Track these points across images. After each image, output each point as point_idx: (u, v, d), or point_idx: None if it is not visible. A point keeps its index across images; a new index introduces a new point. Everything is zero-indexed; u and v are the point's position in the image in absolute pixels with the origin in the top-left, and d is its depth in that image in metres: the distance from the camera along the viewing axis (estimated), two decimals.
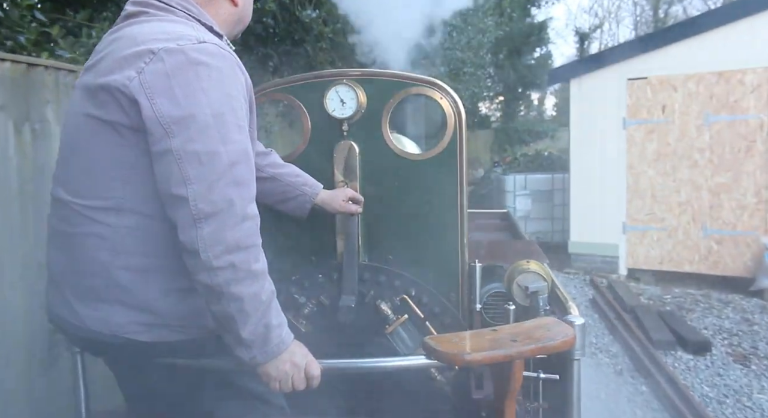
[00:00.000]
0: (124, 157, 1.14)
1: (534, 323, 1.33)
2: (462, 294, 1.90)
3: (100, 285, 1.17)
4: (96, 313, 1.18)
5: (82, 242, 1.18)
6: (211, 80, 1.11)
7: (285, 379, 1.19)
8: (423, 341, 1.21)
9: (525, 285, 1.76)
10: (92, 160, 1.16)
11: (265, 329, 1.15)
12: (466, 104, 10.01)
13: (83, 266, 1.19)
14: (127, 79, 1.10)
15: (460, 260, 1.88)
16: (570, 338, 1.24)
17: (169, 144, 1.08)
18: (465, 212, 1.87)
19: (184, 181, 1.07)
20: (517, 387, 1.27)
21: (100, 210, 1.16)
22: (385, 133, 1.88)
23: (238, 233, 1.08)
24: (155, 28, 1.18)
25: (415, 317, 1.80)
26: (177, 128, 1.07)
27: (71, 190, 1.20)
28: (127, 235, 1.16)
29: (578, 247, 6.77)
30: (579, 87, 6.69)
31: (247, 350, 1.15)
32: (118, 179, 1.15)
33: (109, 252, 1.16)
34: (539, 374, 1.57)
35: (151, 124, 1.08)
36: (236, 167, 1.10)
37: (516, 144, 16.08)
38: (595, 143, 6.53)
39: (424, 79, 1.89)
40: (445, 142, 1.87)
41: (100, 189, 1.16)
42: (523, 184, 7.98)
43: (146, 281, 1.17)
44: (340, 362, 1.32)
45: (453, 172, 1.87)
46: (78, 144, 1.19)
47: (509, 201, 7.85)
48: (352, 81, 1.86)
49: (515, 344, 1.20)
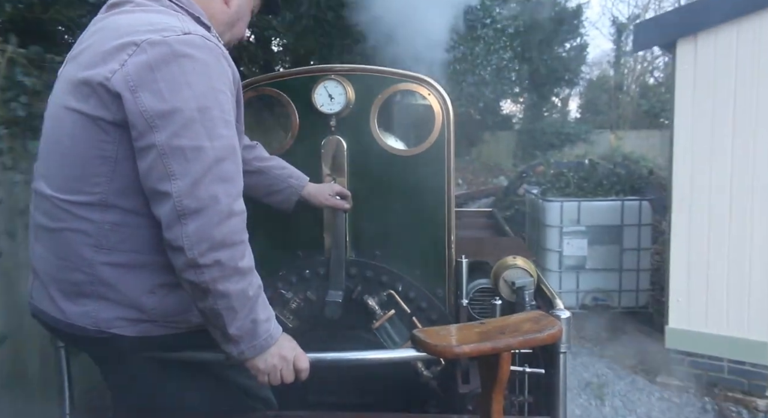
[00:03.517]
0: (107, 153, 1.11)
1: (521, 317, 1.35)
2: (449, 290, 1.91)
3: (84, 281, 1.16)
4: (80, 308, 1.17)
5: (66, 238, 1.16)
6: (196, 73, 1.08)
7: (274, 372, 1.19)
8: (412, 334, 1.21)
9: (511, 281, 1.78)
10: (75, 154, 1.13)
11: (253, 325, 1.14)
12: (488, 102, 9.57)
13: (66, 262, 1.17)
14: (109, 72, 1.07)
15: (447, 256, 1.89)
16: (557, 331, 1.25)
17: (153, 139, 1.05)
18: (452, 209, 1.88)
19: (169, 177, 1.04)
20: (505, 380, 1.28)
21: (83, 206, 1.14)
22: (373, 129, 1.89)
23: (224, 230, 1.06)
24: (140, 18, 1.15)
25: (401, 313, 1.81)
26: (161, 123, 1.05)
27: (53, 185, 1.17)
28: (111, 231, 1.14)
29: (685, 339, 3.71)
30: (698, 50, 3.55)
31: (235, 345, 1.14)
32: (101, 175, 1.12)
33: (92, 248, 1.14)
34: (525, 369, 1.59)
35: (135, 119, 1.06)
36: (222, 163, 1.08)
37: (543, 148, 14.35)
38: (725, 151, 3.51)
39: (412, 75, 1.90)
40: (433, 139, 1.88)
41: (84, 184, 1.13)
42: (575, 215, 4.86)
43: (131, 277, 1.16)
44: (328, 355, 1.32)
45: (441, 169, 1.88)
46: (59, 138, 1.17)
47: (552, 240, 4.91)
48: (340, 76, 1.86)
49: (503, 336, 1.21)
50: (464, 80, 6.54)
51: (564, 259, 4.86)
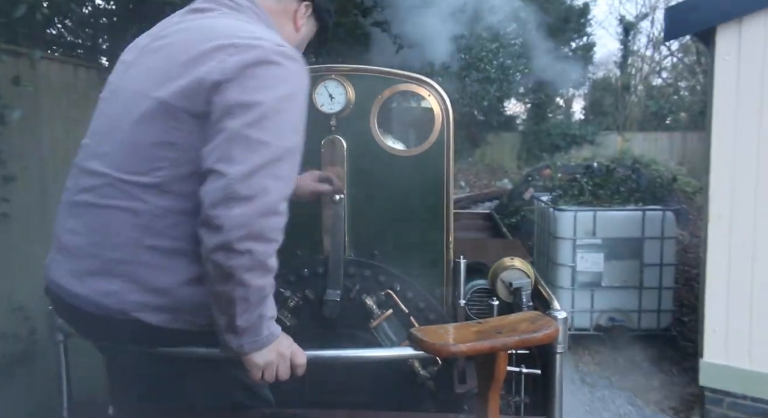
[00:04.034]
0: (177, 140, 1.16)
1: (518, 317, 1.36)
2: (446, 290, 1.91)
3: (121, 260, 1.16)
4: (107, 287, 1.17)
5: (112, 215, 1.17)
6: (281, 79, 1.17)
7: (270, 368, 1.19)
8: (409, 332, 1.22)
9: (509, 281, 1.80)
10: (142, 138, 1.17)
11: (259, 320, 1.15)
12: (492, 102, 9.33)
13: (107, 239, 1.17)
14: (207, 69, 1.14)
15: (445, 256, 1.90)
16: (553, 331, 1.26)
17: (226, 123, 1.11)
18: (451, 209, 1.89)
19: (229, 160, 1.08)
20: (501, 379, 1.29)
21: (141, 186, 1.16)
22: (373, 129, 1.90)
23: (264, 224, 1.09)
24: (236, 25, 1.24)
25: (399, 312, 1.82)
26: (238, 111, 1.11)
27: (110, 164, 1.19)
28: (162, 215, 1.16)
29: (723, 376, 3.09)
30: (743, 38, 3.01)
31: (236, 337, 1.15)
32: (166, 160, 1.16)
33: (139, 229, 1.16)
34: (521, 369, 1.60)
35: (216, 107, 1.12)
36: (281, 162, 1.12)
37: (548, 150, 14.07)
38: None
39: (412, 76, 1.91)
40: (433, 139, 1.89)
41: (146, 167, 1.17)
42: (590, 226, 4.32)
43: (170, 263, 1.17)
44: (326, 353, 1.33)
45: (440, 170, 1.88)
46: (125, 121, 1.20)
47: (564, 254, 4.35)
48: (341, 76, 1.87)
49: (500, 336, 1.22)
50: (467, 75, 6.35)
51: (577, 275, 4.31)
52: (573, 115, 19.73)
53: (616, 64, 18.75)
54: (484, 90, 9.71)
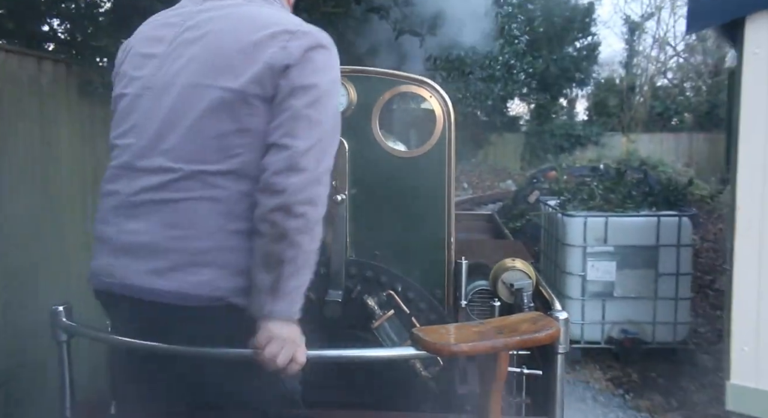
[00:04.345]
0: (251, 125, 1.22)
1: (520, 317, 1.36)
2: (448, 291, 1.92)
3: (209, 248, 1.20)
4: (196, 277, 1.19)
5: (194, 207, 1.20)
6: (331, 63, 1.29)
7: (277, 345, 1.19)
8: (411, 332, 1.23)
9: (510, 282, 1.79)
10: (213, 128, 1.22)
11: (297, 291, 1.20)
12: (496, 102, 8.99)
13: (191, 231, 1.20)
14: (270, 55, 1.22)
15: (447, 257, 1.90)
16: (554, 331, 1.26)
17: (291, 103, 1.21)
18: (452, 210, 1.90)
19: (293, 136, 1.19)
20: (503, 380, 1.29)
21: (218, 174, 1.21)
22: (374, 130, 1.90)
23: (317, 191, 1.19)
24: (270, 12, 1.31)
25: (401, 313, 1.82)
26: (301, 93, 1.21)
27: (180, 157, 1.22)
28: (240, 199, 1.22)
29: (753, 400, 2.76)
30: None
31: (273, 300, 1.18)
32: (241, 146, 1.22)
33: (223, 216, 1.21)
34: (523, 370, 1.60)
35: (281, 89, 1.22)
36: (331, 139, 1.26)
37: (552, 151, 13.88)
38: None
39: (414, 77, 1.92)
40: (434, 140, 1.89)
41: (222, 155, 1.22)
42: (602, 233, 4.07)
43: (252, 245, 1.21)
44: (327, 352, 1.33)
45: (441, 171, 1.89)
46: (189, 113, 1.23)
47: (574, 262, 4.10)
48: (342, 77, 1.87)
49: (501, 336, 1.22)
50: (472, 72, 6.16)
51: (588, 284, 4.04)
52: (576, 115, 19.28)
53: (621, 64, 18.60)
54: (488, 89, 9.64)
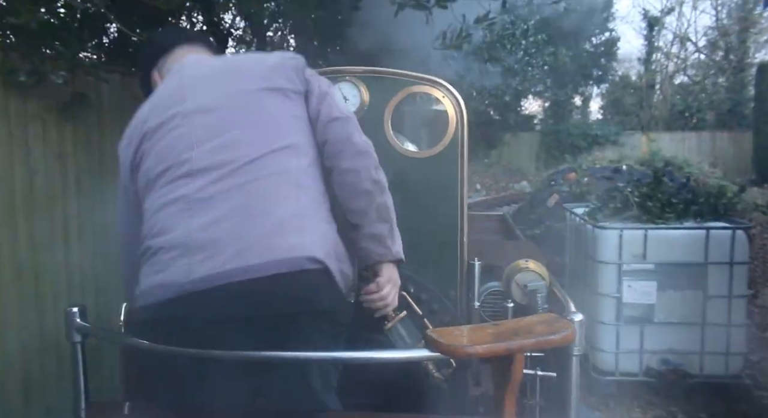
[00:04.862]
0: (294, 111, 1.46)
1: (534, 319, 1.34)
2: (461, 292, 1.90)
3: (286, 216, 1.30)
4: (286, 242, 1.26)
5: (265, 183, 1.33)
6: None
7: (394, 286, 1.48)
8: (424, 334, 1.21)
9: (524, 283, 1.77)
10: (270, 116, 1.43)
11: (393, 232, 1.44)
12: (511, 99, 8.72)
13: (268, 203, 1.31)
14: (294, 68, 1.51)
15: (460, 258, 1.89)
16: (570, 333, 1.24)
17: (323, 89, 1.50)
18: (465, 211, 1.88)
19: (338, 110, 1.47)
20: (518, 382, 1.27)
21: (282, 150, 1.38)
22: (387, 131, 1.90)
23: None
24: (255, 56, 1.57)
25: (413, 314, 1.81)
26: (329, 91, 1.51)
27: (257, 147, 1.37)
28: (304, 172, 1.39)
29: None
30: None
31: (392, 242, 1.42)
32: (292, 128, 1.43)
33: (294, 186, 1.35)
34: (537, 372, 1.58)
35: (313, 88, 1.49)
36: None
37: (568, 151, 13.29)
38: None
39: (427, 78, 1.91)
40: (447, 141, 1.88)
41: (281, 135, 1.41)
42: (640, 248, 3.43)
43: (319, 213, 1.37)
44: (340, 354, 1.33)
45: (454, 171, 1.88)
46: (249, 110, 1.43)
47: (608, 282, 3.46)
48: (355, 78, 1.87)
49: (516, 338, 1.20)
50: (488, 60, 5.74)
51: (624, 308, 3.44)
52: (590, 114, 18.56)
53: (640, 61, 17.97)
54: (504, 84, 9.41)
